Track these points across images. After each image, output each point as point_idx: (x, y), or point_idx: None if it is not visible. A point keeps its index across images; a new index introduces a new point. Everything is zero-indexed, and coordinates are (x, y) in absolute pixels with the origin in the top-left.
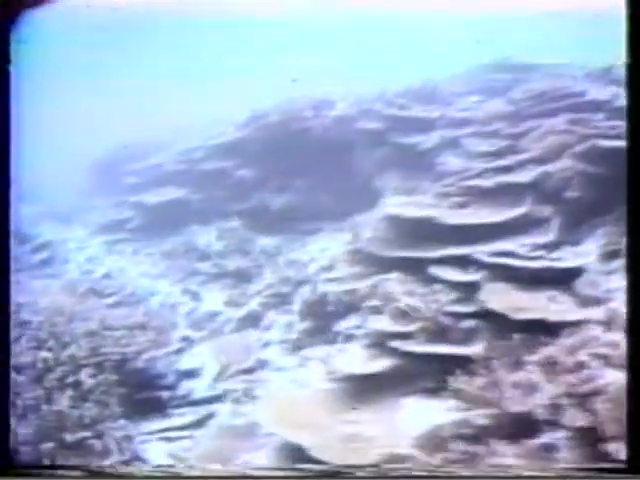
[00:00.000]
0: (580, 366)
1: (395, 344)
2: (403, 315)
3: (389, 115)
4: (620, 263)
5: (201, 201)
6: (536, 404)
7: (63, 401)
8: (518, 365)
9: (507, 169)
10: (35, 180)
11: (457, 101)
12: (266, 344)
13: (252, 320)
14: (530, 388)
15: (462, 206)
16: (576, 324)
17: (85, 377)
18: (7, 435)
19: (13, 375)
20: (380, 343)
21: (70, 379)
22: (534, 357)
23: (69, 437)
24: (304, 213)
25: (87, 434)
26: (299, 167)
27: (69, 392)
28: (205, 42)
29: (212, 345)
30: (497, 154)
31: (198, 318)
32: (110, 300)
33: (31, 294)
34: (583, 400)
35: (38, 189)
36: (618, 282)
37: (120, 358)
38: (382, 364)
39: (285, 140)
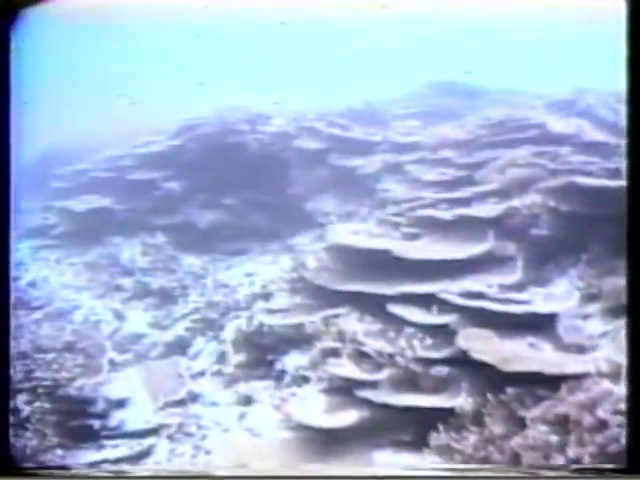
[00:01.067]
0: (603, 424)
1: (362, 393)
2: (366, 359)
3: (329, 135)
4: (597, 307)
5: (126, 212)
6: (560, 464)
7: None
8: (518, 422)
9: (465, 201)
10: None
11: (400, 125)
12: (196, 374)
13: (179, 346)
14: (546, 447)
15: (415, 238)
16: (578, 377)
17: (22, 404)
18: (7, 436)
19: None
20: (343, 390)
21: (10, 405)
22: (537, 413)
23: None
24: (233, 232)
25: (30, 465)
26: (231, 182)
27: (11, 419)
28: (136, 48)
29: (139, 371)
30: (451, 184)
31: (122, 339)
32: (38, 315)
33: None
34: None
35: None
36: (599, 327)
37: (52, 384)
38: (350, 416)
39: (218, 153)
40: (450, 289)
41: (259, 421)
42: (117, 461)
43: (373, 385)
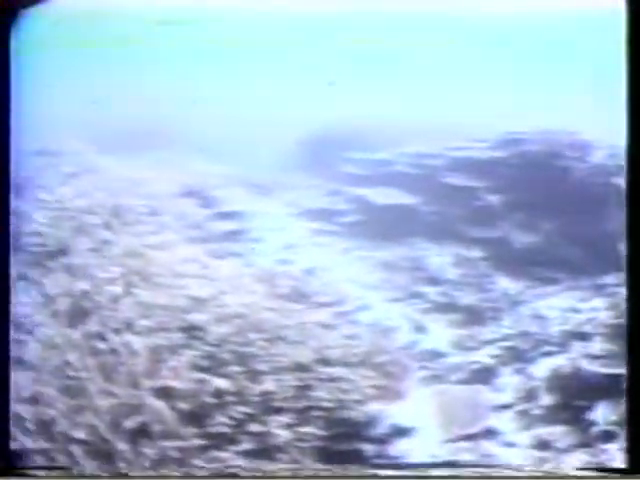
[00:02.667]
0: None
1: None
2: None
3: None
4: None
5: (436, 215)
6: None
7: (233, 457)
8: None
9: None
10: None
11: None
12: (496, 409)
13: (482, 373)
14: None
15: None
16: None
17: (279, 428)
18: (7, 436)
19: (151, 401)
20: None
21: (253, 427)
22: None
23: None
24: (546, 259)
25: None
26: (550, 207)
27: (245, 445)
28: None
29: (434, 395)
30: None
31: (420, 355)
32: (322, 315)
33: (211, 282)
34: None
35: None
36: None
37: (333, 406)
38: None
39: (540, 174)
40: None
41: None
42: None
43: None
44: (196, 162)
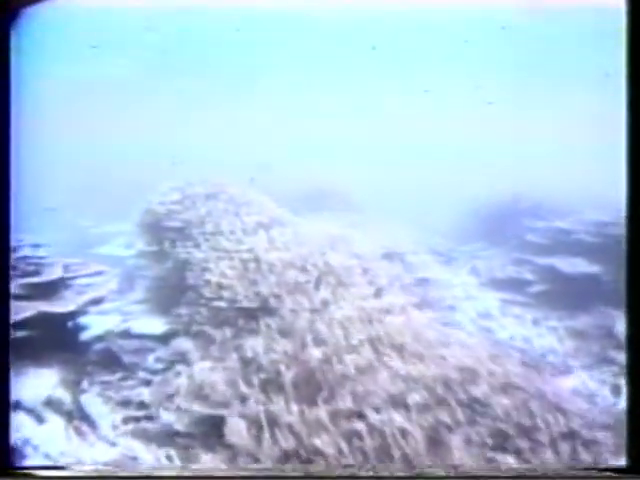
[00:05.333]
0: None
1: None
2: None
3: None
4: None
5: (616, 283)
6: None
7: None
8: None
9: None
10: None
11: None
12: None
13: None
14: None
15: None
16: None
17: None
18: (7, 435)
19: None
20: None
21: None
22: None
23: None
24: None
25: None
26: None
27: None
28: None
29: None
30: None
31: (613, 414)
32: (562, 383)
33: (464, 350)
34: None
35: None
36: None
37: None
38: None
39: None
40: None
41: None
42: None
43: None
44: (385, 225)
